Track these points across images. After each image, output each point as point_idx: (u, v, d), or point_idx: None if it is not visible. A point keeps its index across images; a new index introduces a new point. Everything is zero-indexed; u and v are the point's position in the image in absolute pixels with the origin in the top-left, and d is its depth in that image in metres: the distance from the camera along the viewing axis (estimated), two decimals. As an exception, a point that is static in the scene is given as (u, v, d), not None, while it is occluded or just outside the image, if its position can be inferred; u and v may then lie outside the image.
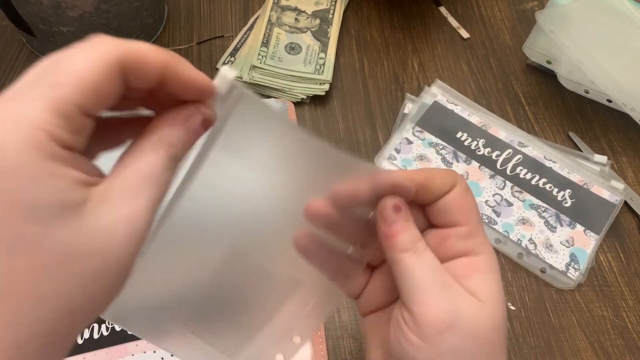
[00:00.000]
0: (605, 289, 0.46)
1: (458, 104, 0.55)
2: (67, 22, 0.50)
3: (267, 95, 0.55)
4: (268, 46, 0.57)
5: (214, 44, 0.60)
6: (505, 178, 0.50)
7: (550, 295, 0.46)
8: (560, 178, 0.50)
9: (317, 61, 0.57)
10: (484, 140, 0.52)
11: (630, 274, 0.47)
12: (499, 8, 0.66)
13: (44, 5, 0.48)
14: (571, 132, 0.55)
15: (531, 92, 0.58)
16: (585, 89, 0.55)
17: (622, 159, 0.54)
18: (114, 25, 0.53)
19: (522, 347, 0.43)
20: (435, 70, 0.59)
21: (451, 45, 0.62)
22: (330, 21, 0.61)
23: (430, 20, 0.64)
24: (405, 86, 0.58)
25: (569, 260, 0.47)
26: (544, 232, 0.48)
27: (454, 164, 0.51)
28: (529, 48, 0.58)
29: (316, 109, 0.55)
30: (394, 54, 0.60)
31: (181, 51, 0.59)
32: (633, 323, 0.45)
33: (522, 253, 0.47)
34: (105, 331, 0.39)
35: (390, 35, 0.62)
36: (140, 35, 0.57)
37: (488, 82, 0.59)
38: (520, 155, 0.52)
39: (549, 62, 0.58)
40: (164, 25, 0.61)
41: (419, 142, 0.52)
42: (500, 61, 0.61)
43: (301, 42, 0.58)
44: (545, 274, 0.46)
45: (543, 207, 0.49)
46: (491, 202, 0.49)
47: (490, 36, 0.63)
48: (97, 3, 0.50)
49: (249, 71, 0.55)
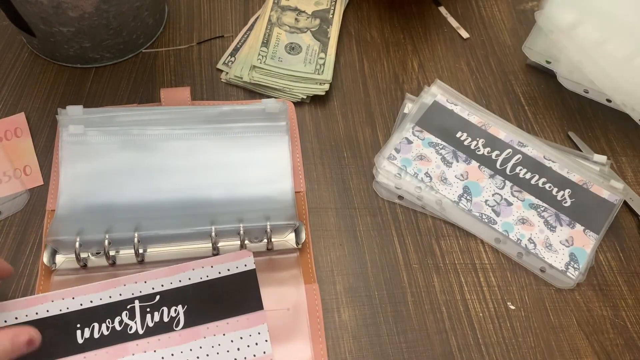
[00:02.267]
0: (604, 289, 0.46)
1: (458, 103, 0.55)
2: (67, 22, 0.51)
3: (267, 95, 0.55)
4: (268, 46, 0.57)
5: (214, 44, 0.60)
6: (504, 178, 0.51)
7: (550, 295, 0.46)
8: (559, 178, 0.51)
9: (317, 61, 0.57)
10: (483, 140, 0.52)
11: (629, 273, 0.47)
12: (499, 8, 0.66)
13: (44, 5, 0.48)
14: (571, 132, 0.55)
15: (531, 92, 0.59)
16: (584, 88, 0.56)
17: (622, 158, 0.54)
18: (114, 26, 0.53)
19: (521, 347, 0.43)
20: (435, 70, 0.59)
21: (451, 45, 0.62)
22: (330, 21, 0.61)
23: (430, 20, 0.64)
24: (405, 86, 0.58)
25: (569, 260, 0.47)
26: (543, 232, 0.48)
27: (453, 163, 0.51)
28: (529, 48, 0.58)
29: (316, 109, 0.55)
30: (394, 54, 0.60)
31: (181, 51, 0.59)
32: (632, 322, 0.45)
33: (521, 253, 0.47)
34: (105, 330, 0.39)
35: (390, 35, 0.62)
36: (140, 35, 0.57)
37: (488, 82, 0.59)
38: (519, 155, 0.52)
39: (549, 62, 0.58)
40: (164, 25, 0.61)
41: (418, 142, 0.52)
42: (500, 61, 0.61)
43: (301, 42, 0.58)
44: (544, 273, 0.46)
45: (543, 207, 0.49)
46: (491, 201, 0.49)
47: (490, 36, 0.63)
48: (98, 3, 0.50)
49: (249, 71, 0.55)
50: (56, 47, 0.54)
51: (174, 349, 0.38)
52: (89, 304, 0.39)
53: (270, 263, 0.44)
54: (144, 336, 0.39)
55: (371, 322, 0.43)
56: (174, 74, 0.57)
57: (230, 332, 0.39)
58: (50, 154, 0.49)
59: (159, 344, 0.39)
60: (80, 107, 0.49)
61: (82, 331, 0.39)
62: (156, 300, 0.40)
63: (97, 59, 0.56)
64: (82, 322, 0.39)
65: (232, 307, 0.40)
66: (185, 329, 0.39)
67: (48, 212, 0.46)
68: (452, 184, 0.50)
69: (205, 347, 0.39)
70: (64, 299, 0.39)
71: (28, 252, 0.45)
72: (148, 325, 0.39)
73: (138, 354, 0.38)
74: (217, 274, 0.41)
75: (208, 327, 0.39)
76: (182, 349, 0.38)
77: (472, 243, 0.48)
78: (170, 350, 0.38)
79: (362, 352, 0.42)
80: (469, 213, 0.49)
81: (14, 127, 0.51)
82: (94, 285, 0.40)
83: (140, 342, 0.39)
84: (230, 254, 0.42)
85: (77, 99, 0.54)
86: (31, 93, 0.54)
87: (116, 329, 0.39)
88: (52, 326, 0.38)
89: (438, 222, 0.49)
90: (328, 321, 0.43)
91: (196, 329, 0.39)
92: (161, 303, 0.40)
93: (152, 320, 0.39)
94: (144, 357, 0.38)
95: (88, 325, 0.39)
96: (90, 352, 0.38)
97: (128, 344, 0.39)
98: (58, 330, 0.38)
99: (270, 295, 0.42)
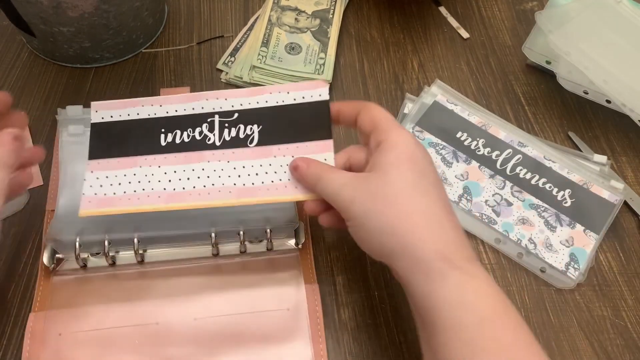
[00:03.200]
0: (604, 289, 0.46)
1: (458, 103, 0.55)
2: (67, 22, 0.51)
3: (267, 95, 0.55)
4: (268, 46, 0.57)
5: (214, 44, 0.60)
6: (505, 178, 0.51)
7: (550, 295, 0.46)
8: (560, 178, 0.51)
9: (317, 61, 0.57)
10: (483, 140, 0.52)
11: (629, 273, 0.47)
12: (499, 8, 0.66)
13: (44, 5, 0.48)
14: (571, 132, 0.55)
15: (531, 92, 0.59)
16: (584, 89, 0.56)
17: (622, 158, 0.54)
18: (114, 26, 0.53)
19: (521, 347, 0.43)
20: (435, 70, 0.59)
21: (451, 45, 0.62)
22: (330, 21, 0.61)
23: (430, 20, 0.64)
24: (405, 86, 0.58)
25: (569, 260, 0.47)
26: (543, 232, 0.48)
27: (453, 163, 0.51)
28: (529, 48, 0.58)
29: (316, 109, 0.55)
30: (394, 54, 0.60)
31: (181, 51, 0.59)
32: (633, 323, 0.45)
33: (521, 253, 0.47)
34: (186, 138, 0.42)
35: (390, 35, 0.62)
36: (140, 35, 0.57)
37: (488, 82, 0.59)
38: (520, 155, 0.52)
39: (549, 62, 0.58)
40: (164, 25, 0.61)
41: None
42: (500, 61, 0.61)
43: (301, 42, 0.58)
44: (545, 273, 0.46)
45: (543, 207, 0.49)
46: (491, 201, 0.49)
47: (490, 36, 0.63)
48: (97, 3, 0.50)
49: (249, 71, 0.55)
50: (56, 47, 0.54)
51: (245, 162, 0.41)
52: (174, 112, 0.42)
53: (270, 263, 0.44)
54: (220, 147, 0.41)
55: (371, 322, 0.43)
56: (174, 74, 0.57)
57: (299, 155, 0.41)
58: (50, 154, 0.49)
59: (233, 156, 0.41)
60: (80, 107, 0.49)
61: (166, 135, 0.42)
62: (234, 117, 0.42)
63: (97, 59, 0.56)
64: (167, 128, 0.42)
65: (303, 132, 0.41)
66: (258, 147, 0.41)
67: (48, 212, 0.46)
68: (452, 184, 0.50)
69: (274, 165, 0.41)
70: (153, 105, 0.42)
71: (28, 252, 0.45)
72: (225, 138, 0.42)
73: (213, 161, 0.41)
74: (292, 100, 0.42)
75: (279, 148, 0.41)
76: (252, 164, 0.41)
77: (472, 243, 0.48)
78: (242, 163, 0.41)
79: (362, 352, 0.42)
80: (469, 213, 0.49)
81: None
82: (179, 97, 0.43)
83: (216, 152, 0.41)
84: (306, 82, 0.43)
85: (77, 99, 0.54)
86: (31, 93, 0.54)
87: (196, 138, 0.42)
88: (141, 126, 0.42)
89: (438, 222, 0.49)
90: (328, 321, 0.43)
91: (268, 148, 0.41)
92: (239, 120, 0.42)
93: (229, 134, 0.42)
94: (218, 165, 0.41)
95: (171, 131, 0.42)
96: (170, 154, 0.41)
97: (205, 152, 0.41)
98: (145, 130, 0.42)
99: (270, 295, 0.42)
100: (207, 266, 0.44)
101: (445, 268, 0.32)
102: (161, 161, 0.41)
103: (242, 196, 0.40)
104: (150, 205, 0.40)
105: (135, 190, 0.40)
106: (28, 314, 0.41)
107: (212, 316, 0.41)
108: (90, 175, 0.41)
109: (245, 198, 0.40)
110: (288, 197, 0.40)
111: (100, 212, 0.40)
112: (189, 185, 0.41)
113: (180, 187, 0.41)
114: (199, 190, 0.40)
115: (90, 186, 0.41)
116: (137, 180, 0.41)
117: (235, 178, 0.41)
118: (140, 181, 0.41)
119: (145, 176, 0.41)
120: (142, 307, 0.41)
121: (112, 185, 0.41)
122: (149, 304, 0.41)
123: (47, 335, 0.40)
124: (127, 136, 0.42)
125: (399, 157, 0.35)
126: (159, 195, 0.40)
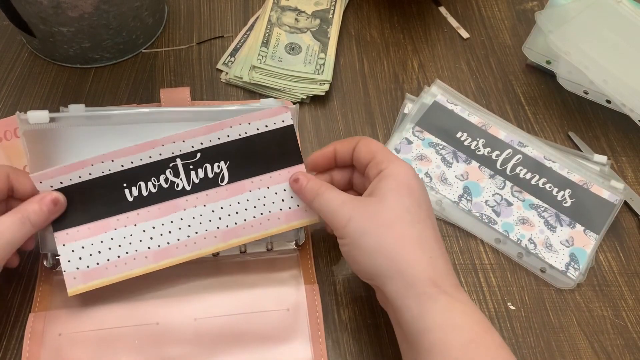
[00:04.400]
0: (605, 289, 0.46)
1: (458, 104, 0.55)
2: (67, 22, 0.51)
3: (267, 96, 0.55)
4: (268, 46, 0.57)
5: (214, 44, 0.60)
6: (505, 178, 0.51)
7: (550, 295, 0.46)
8: (560, 178, 0.51)
9: (317, 61, 0.57)
10: (483, 140, 0.52)
11: (629, 273, 0.47)
12: (499, 8, 0.66)
13: (44, 5, 0.48)
14: (571, 132, 0.55)
15: (531, 92, 0.59)
16: (584, 89, 0.56)
17: (622, 158, 0.54)
18: (114, 26, 0.53)
19: (521, 347, 0.43)
20: (435, 70, 0.59)
21: (451, 45, 0.62)
22: (330, 21, 0.61)
23: (430, 20, 0.64)
24: (405, 86, 0.58)
25: (569, 260, 0.47)
26: (543, 232, 0.48)
27: (453, 163, 0.51)
28: (529, 48, 0.58)
29: (316, 109, 0.55)
30: (394, 54, 0.60)
31: (181, 51, 0.59)
32: (633, 323, 0.45)
33: (522, 253, 0.47)
34: (152, 188, 0.40)
35: (390, 35, 0.62)
36: (140, 35, 0.57)
37: (488, 82, 0.59)
38: (520, 155, 0.52)
39: (549, 62, 0.58)
40: (164, 25, 0.61)
41: (418, 142, 0.52)
42: (500, 61, 0.61)
43: (301, 42, 0.58)
44: (545, 273, 0.46)
45: (543, 207, 0.49)
46: (491, 202, 0.49)
47: (490, 36, 0.63)
48: (97, 3, 0.50)
49: (249, 71, 0.55)
50: (56, 47, 0.54)
51: (222, 203, 0.40)
52: (130, 164, 0.40)
53: (270, 263, 0.44)
54: (191, 192, 0.40)
55: (371, 322, 0.43)
56: (174, 74, 0.57)
57: (274, 185, 0.41)
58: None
59: (207, 198, 0.40)
60: (82, 106, 0.49)
61: (130, 190, 0.40)
62: (198, 158, 0.40)
63: (96, 59, 0.56)
64: (128, 181, 0.40)
65: (274, 161, 0.41)
66: (230, 184, 0.41)
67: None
68: (452, 184, 0.50)
69: (251, 200, 0.41)
70: (104, 162, 0.39)
71: (28, 252, 0.45)
72: (194, 181, 0.40)
73: (189, 208, 0.40)
74: (255, 130, 0.41)
75: (252, 181, 0.41)
76: (230, 202, 0.40)
77: (472, 243, 0.48)
78: (219, 204, 0.40)
79: (362, 353, 0.42)
80: (469, 213, 0.49)
81: (14, 127, 0.51)
82: (130, 148, 0.40)
83: (190, 198, 0.40)
84: (267, 110, 0.42)
85: (77, 99, 0.54)
86: (31, 93, 0.54)
87: (163, 187, 0.40)
88: (99, 186, 0.39)
89: (438, 222, 0.49)
90: (328, 321, 0.43)
91: (241, 184, 0.41)
92: (203, 160, 0.41)
93: (197, 176, 0.40)
94: (196, 211, 0.40)
95: (134, 184, 0.40)
96: (142, 210, 0.39)
97: (178, 200, 0.40)
98: (105, 189, 0.39)
99: (270, 296, 0.42)
100: (207, 266, 0.44)
101: (435, 292, 0.33)
102: (135, 219, 0.39)
103: (229, 239, 0.40)
104: (141, 268, 0.39)
105: (119, 256, 0.39)
106: (28, 314, 0.41)
107: (212, 316, 0.41)
108: (63, 248, 0.39)
109: (232, 240, 0.41)
110: (273, 231, 0.41)
111: (89, 286, 0.39)
112: (172, 239, 0.40)
113: (164, 242, 0.40)
114: (184, 242, 0.40)
115: (69, 261, 0.38)
116: (117, 244, 0.39)
117: (216, 221, 0.40)
118: (120, 245, 0.39)
119: (124, 238, 0.39)
120: (142, 308, 0.41)
121: (92, 255, 0.39)
122: (149, 304, 0.41)
123: (47, 336, 0.40)
124: (87, 199, 0.39)
125: (399, 185, 0.37)
126: (145, 256, 0.39)
